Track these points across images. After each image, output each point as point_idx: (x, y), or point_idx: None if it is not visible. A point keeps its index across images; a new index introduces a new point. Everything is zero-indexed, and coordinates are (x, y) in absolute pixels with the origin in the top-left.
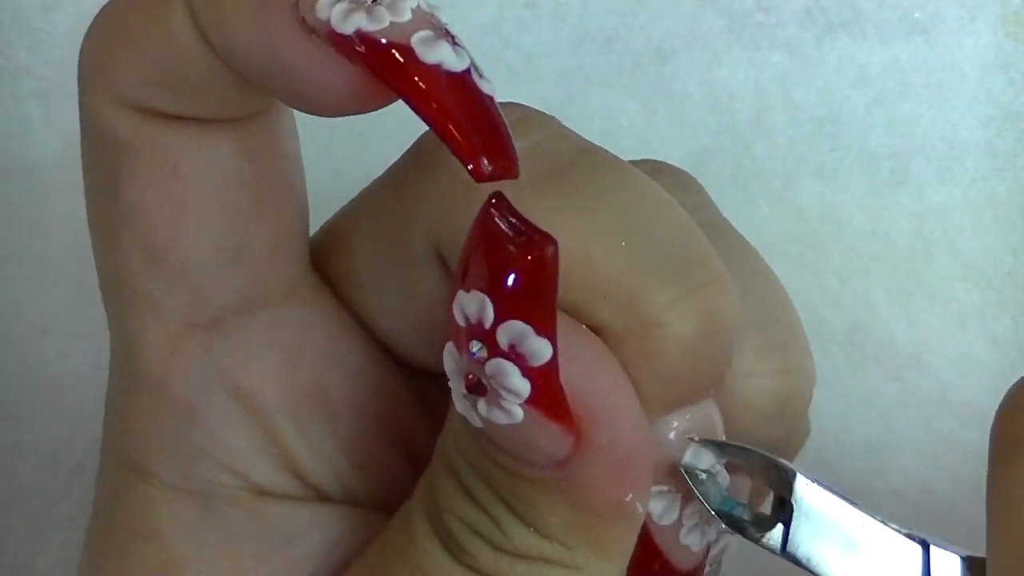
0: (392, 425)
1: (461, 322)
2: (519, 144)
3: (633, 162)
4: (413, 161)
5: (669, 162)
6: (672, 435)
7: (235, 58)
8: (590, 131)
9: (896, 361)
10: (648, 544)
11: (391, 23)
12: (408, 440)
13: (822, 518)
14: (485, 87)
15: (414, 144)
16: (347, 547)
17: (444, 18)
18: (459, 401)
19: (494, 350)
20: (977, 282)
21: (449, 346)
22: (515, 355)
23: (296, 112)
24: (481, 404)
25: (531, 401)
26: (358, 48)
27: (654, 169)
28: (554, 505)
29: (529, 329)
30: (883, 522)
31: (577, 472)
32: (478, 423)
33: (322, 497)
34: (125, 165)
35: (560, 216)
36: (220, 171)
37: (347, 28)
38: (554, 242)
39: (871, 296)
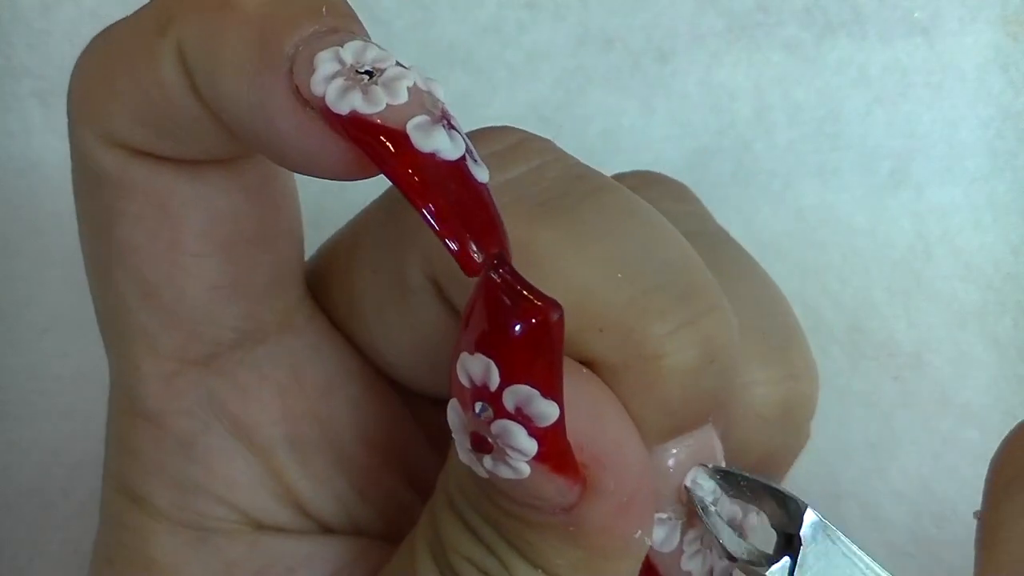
0: (396, 452)
1: (466, 383)
2: (516, 171)
3: (623, 174)
4: None
5: (664, 166)
6: (671, 463)
7: (225, 115)
8: (590, 131)
9: (896, 361)
10: (650, 572)
11: (387, 106)
12: (413, 467)
13: (830, 558)
14: (479, 174)
15: None
16: None
17: (440, 92)
18: (464, 454)
19: (500, 412)
20: (977, 282)
21: (453, 402)
22: (521, 417)
23: None
24: (487, 460)
25: (538, 458)
26: (352, 129)
27: (644, 180)
28: (560, 548)
29: (536, 393)
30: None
31: (584, 517)
32: (483, 474)
33: (325, 528)
34: (115, 203)
35: (555, 248)
36: (213, 210)
37: (342, 108)
38: (559, 307)
39: (871, 296)
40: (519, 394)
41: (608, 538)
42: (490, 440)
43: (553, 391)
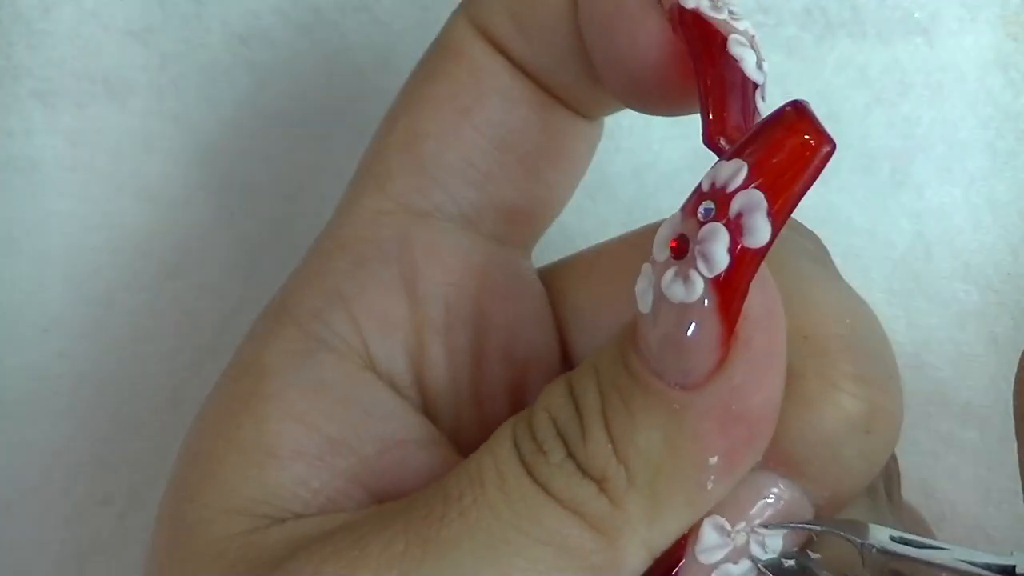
0: (536, 392)
1: (706, 187)
2: (813, 247)
3: None
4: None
5: (664, 166)
6: (773, 493)
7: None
8: None
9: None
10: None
11: (726, 19)
12: None
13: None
14: (760, 104)
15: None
16: (415, 454)
17: (763, 59)
18: (643, 279)
19: (721, 213)
20: (977, 282)
21: (670, 217)
22: (735, 226)
23: None
24: (668, 274)
25: (719, 281)
26: (690, 18)
27: None
28: (650, 425)
29: (765, 204)
30: (962, 560)
31: (695, 400)
32: (646, 306)
33: (427, 411)
34: (442, 63)
35: (816, 274)
36: (515, 110)
37: (690, 3)
38: (833, 145)
39: (871, 296)
40: (750, 199)
41: (692, 439)
42: (689, 245)
43: (779, 212)
